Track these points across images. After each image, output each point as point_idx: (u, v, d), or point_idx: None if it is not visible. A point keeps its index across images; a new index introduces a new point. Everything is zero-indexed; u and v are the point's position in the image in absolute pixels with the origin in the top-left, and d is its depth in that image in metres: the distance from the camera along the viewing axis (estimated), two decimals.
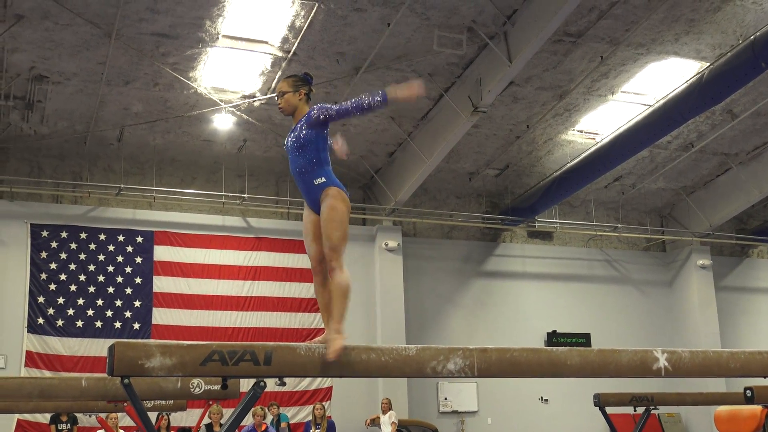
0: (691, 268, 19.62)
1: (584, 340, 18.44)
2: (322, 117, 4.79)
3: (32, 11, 11.72)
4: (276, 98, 5.14)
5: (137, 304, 15.25)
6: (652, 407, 9.06)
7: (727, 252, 20.90)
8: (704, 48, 13.74)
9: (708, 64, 13.77)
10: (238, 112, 14.66)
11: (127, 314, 15.17)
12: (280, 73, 13.54)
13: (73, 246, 15.10)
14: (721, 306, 19.77)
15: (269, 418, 14.18)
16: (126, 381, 4.06)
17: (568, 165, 16.60)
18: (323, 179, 4.84)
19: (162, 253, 15.46)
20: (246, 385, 4.58)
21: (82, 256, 15.12)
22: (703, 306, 19.39)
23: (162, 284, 15.42)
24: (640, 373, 4.93)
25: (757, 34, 12.28)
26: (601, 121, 16.10)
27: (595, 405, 8.98)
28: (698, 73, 13.75)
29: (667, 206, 20.09)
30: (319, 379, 15.73)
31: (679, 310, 19.73)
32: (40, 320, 14.60)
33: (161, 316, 15.27)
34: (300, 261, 16.53)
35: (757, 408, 9.59)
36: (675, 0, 12.45)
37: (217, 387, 6.42)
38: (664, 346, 10.16)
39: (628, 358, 4.90)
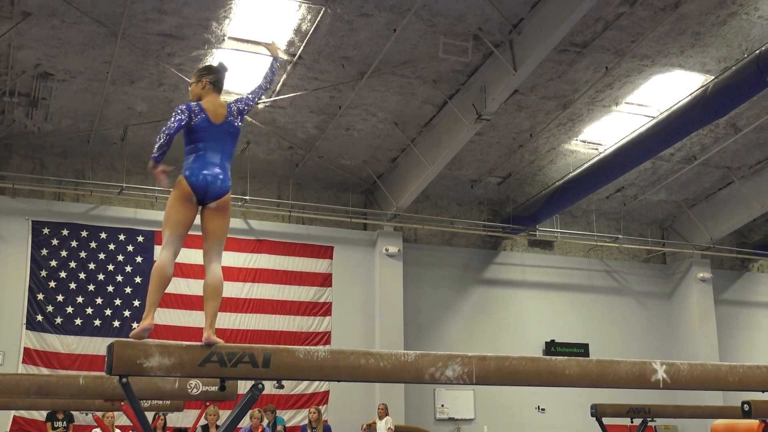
0: (691, 281, 19.61)
1: (582, 350, 18.43)
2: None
3: (39, 9, 11.75)
4: None
5: (136, 303, 15.25)
6: (649, 419, 9.07)
7: (727, 265, 20.88)
8: (709, 61, 13.75)
9: (713, 77, 13.78)
10: None
11: (126, 313, 15.18)
12: (284, 76, 13.56)
13: (74, 244, 15.11)
14: (721, 319, 19.75)
15: (265, 421, 14.16)
16: (124, 380, 4.07)
17: (571, 175, 16.60)
18: None
19: None
20: (244, 387, 4.57)
21: (83, 254, 15.13)
22: (703, 319, 19.37)
23: None
24: (638, 385, 4.94)
25: (763, 48, 12.28)
26: (605, 132, 16.10)
27: (592, 415, 8.98)
28: (703, 86, 13.75)
29: (669, 218, 20.08)
30: (317, 382, 15.72)
31: (678, 323, 19.71)
32: (39, 317, 14.60)
33: (160, 316, 15.24)
34: (300, 264, 16.54)
35: (754, 422, 9.58)
36: (681, 13, 12.46)
37: (214, 388, 6.42)
38: (662, 358, 10.15)
39: (626, 369, 4.90)
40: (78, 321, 14.84)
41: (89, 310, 14.96)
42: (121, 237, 15.41)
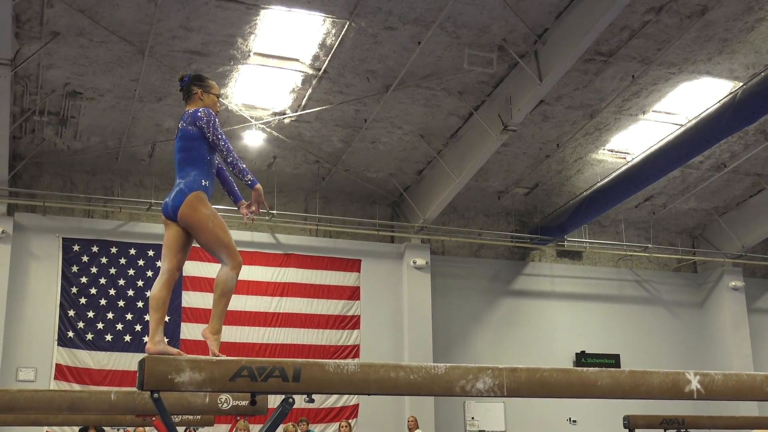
0: (723, 290, 19.38)
1: (613, 360, 18.26)
2: None
3: (68, 28, 11.90)
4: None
5: (166, 318, 15.30)
6: (683, 430, 8.95)
7: (759, 274, 20.61)
8: (737, 67, 13.62)
9: (741, 83, 13.64)
10: (269, 129, 14.74)
11: None
12: (310, 90, 13.62)
13: (104, 260, 15.24)
14: (754, 328, 19.49)
15: None
16: (156, 395, 4.08)
17: (599, 184, 16.49)
18: None
19: (191, 268, 15.53)
20: (274, 401, 4.57)
21: (113, 271, 15.24)
22: (735, 328, 19.13)
23: (191, 299, 15.49)
24: (672, 396, 4.86)
25: None
26: (632, 141, 15.99)
27: (625, 427, 8.89)
28: (731, 93, 13.62)
29: (699, 227, 19.88)
30: (346, 395, 15.70)
31: (711, 332, 19.48)
32: (70, 333, 14.72)
33: (189, 331, 15.32)
34: (328, 278, 16.55)
35: None
36: (708, 19, 12.36)
37: (245, 402, 6.40)
38: (695, 368, 10.03)
39: (659, 379, 4.83)
40: (108, 337, 14.94)
41: (119, 326, 15.06)
42: (150, 253, 15.51)
